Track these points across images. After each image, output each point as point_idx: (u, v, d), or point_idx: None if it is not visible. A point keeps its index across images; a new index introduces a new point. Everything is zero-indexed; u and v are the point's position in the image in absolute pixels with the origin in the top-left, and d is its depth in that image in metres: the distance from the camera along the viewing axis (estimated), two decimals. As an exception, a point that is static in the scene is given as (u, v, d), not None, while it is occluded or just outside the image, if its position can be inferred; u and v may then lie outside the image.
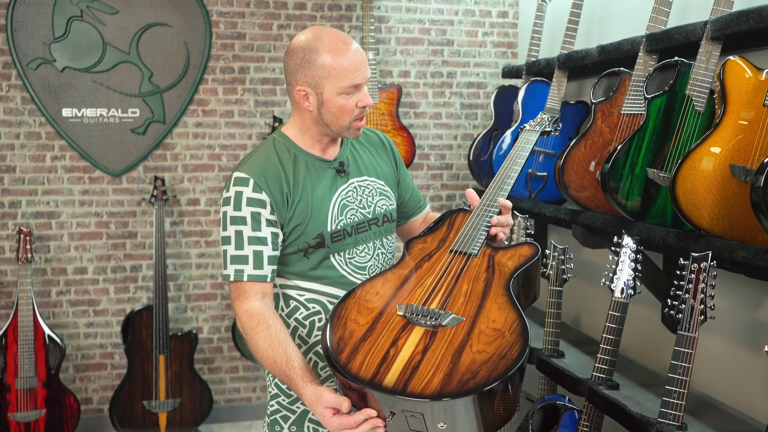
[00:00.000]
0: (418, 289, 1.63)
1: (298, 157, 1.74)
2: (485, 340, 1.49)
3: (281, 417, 1.81)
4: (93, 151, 3.53)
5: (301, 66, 1.66)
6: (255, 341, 1.61)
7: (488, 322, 1.54)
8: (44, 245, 3.54)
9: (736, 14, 1.95)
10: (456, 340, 1.50)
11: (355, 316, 1.58)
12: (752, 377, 2.17)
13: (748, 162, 1.84)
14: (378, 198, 1.83)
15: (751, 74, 1.88)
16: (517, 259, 1.70)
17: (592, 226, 2.46)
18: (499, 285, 1.64)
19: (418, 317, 1.55)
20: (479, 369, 1.42)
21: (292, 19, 3.69)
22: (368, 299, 1.62)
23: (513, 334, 1.50)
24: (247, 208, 1.66)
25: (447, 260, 1.69)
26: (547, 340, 2.47)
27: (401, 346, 1.49)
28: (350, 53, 1.65)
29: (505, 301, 1.59)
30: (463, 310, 1.57)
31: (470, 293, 1.62)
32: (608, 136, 2.51)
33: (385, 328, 1.55)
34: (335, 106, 1.67)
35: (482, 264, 1.69)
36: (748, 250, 1.77)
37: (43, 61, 3.44)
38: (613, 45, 2.58)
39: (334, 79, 1.64)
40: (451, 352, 1.47)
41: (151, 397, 3.42)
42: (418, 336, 1.51)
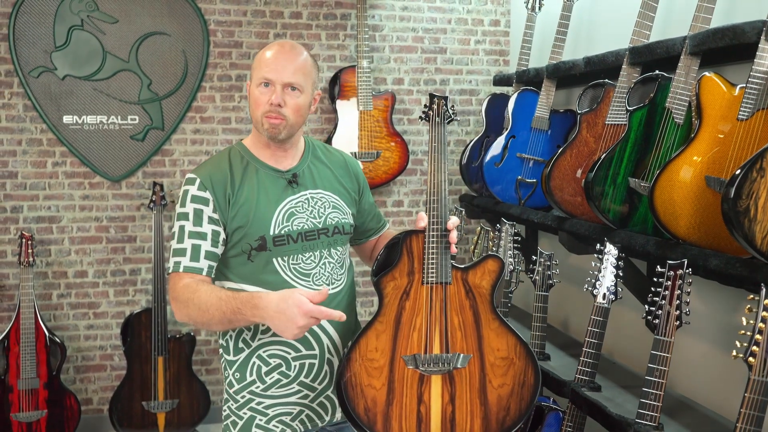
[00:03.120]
0: (414, 333, 1.70)
1: (249, 164, 1.83)
2: (500, 372, 1.63)
3: (231, 423, 1.85)
4: (93, 157, 3.61)
5: (253, 65, 1.79)
6: (196, 299, 1.66)
7: (494, 352, 1.66)
8: (45, 249, 3.62)
9: (713, 31, 2.04)
10: (474, 380, 1.63)
11: (368, 380, 1.65)
12: (727, 379, 2.25)
13: (723, 173, 1.93)
14: (330, 210, 1.88)
15: (726, 90, 1.96)
16: (488, 277, 1.80)
17: (577, 233, 2.54)
18: (485, 310, 1.75)
19: (429, 366, 1.64)
20: (508, 404, 1.59)
21: (288, 27, 3.77)
22: (372, 358, 1.68)
23: (521, 358, 1.66)
24: (191, 205, 1.75)
25: (426, 295, 1.75)
26: (532, 343, 2.55)
27: (428, 401, 1.60)
28: (276, 52, 1.76)
29: (498, 325, 1.73)
30: (466, 346, 1.67)
31: (464, 326, 1.71)
32: (593, 145, 2.59)
33: (404, 386, 1.64)
34: (252, 97, 1.77)
35: (460, 290, 1.76)
36: (721, 258, 1.85)
37: (44, 69, 3.52)
38: (598, 57, 2.66)
39: (256, 71, 1.76)
40: (476, 394, 1.60)
41: (150, 398, 3.50)
42: (438, 386, 1.62)
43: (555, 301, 3.27)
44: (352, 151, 3.70)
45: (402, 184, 3.98)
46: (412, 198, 4.01)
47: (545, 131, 3.09)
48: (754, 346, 1.57)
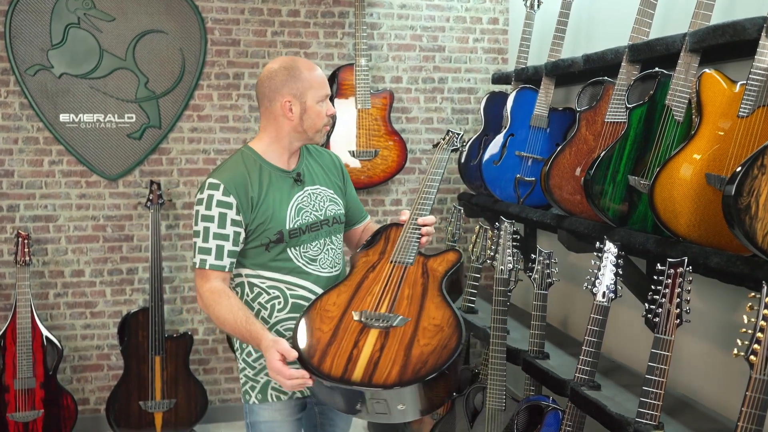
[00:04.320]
0: (368, 297, 1.98)
1: (263, 167, 2.04)
2: (429, 334, 1.85)
3: (249, 388, 2.10)
4: (90, 156, 3.59)
5: (286, 82, 2.00)
6: (218, 309, 1.92)
7: (429, 319, 1.90)
8: (42, 248, 3.60)
9: (713, 28, 2.02)
10: (405, 337, 1.85)
11: (319, 324, 1.91)
12: (728, 377, 2.24)
13: (723, 171, 1.91)
14: (328, 203, 2.14)
15: (726, 87, 1.95)
16: (445, 264, 2.07)
17: (576, 231, 2.53)
18: (433, 287, 2.00)
19: (372, 321, 1.90)
20: (427, 359, 1.78)
21: (285, 26, 3.75)
22: (328, 309, 1.96)
23: (450, 327, 1.87)
24: (216, 209, 1.96)
25: (389, 270, 2.05)
26: (532, 342, 2.54)
27: (362, 346, 1.84)
28: (320, 72, 2.07)
29: (441, 300, 1.96)
30: (408, 312, 1.93)
31: (412, 296, 1.97)
32: (592, 143, 2.58)
33: (345, 333, 1.89)
34: (314, 112, 2.03)
35: (418, 271, 2.05)
36: (722, 256, 1.84)
37: (41, 67, 3.50)
38: (597, 54, 2.65)
39: (314, 90, 2.02)
40: (403, 347, 1.83)
41: (147, 398, 3.49)
42: (374, 337, 1.86)
43: (554, 300, 3.25)
44: (351, 150, 3.68)
45: (400, 183, 3.97)
46: (411, 197, 4.00)
47: (544, 129, 3.08)
48: (756, 345, 1.56)
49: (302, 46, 3.78)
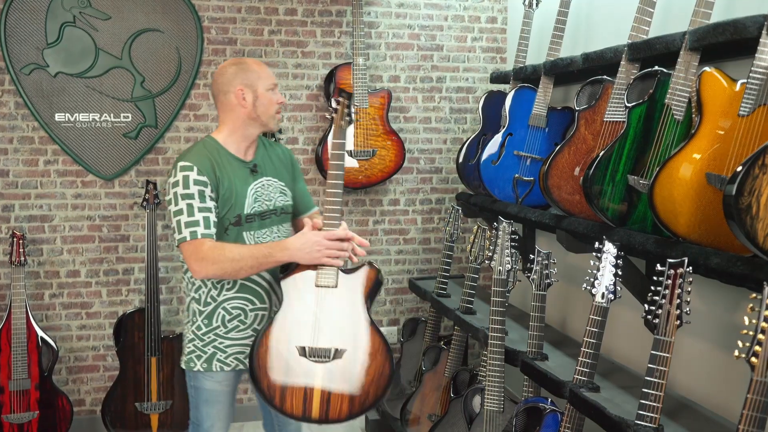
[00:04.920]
0: (304, 329, 2.16)
1: (222, 155, 2.23)
2: (366, 365, 2.15)
3: (196, 357, 2.30)
4: (86, 156, 3.57)
5: (237, 74, 2.23)
6: (226, 254, 2.10)
7: (364, 348, 2.16)
8: (37, 248, 3.57)
9: (713, 26, 2.00)
10: (347, 371, 2.15)
11: (273, 363, 2.16)
12: (728, 379, 2.22)
13: (723, 170, 1.89)
14: (278, 195, 2.36)
15: (726, 85, 1.93)
16: (367, 285, 2.22)
17: (575, 231, 2.51)
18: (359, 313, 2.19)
19: (315, 358, 2.16)
20: (369, 389, 2.14)
21: (282, 24, 3.73)
22: (272, 346, 2.17)
23: (382, 355, 2.16)
24: (195, 187, 2.12)
25: (316, 296, 2.18)
26: (530, 343, 2.52)
27: (312, 386, 2.15)
28: (266, 66, 2.32)
29: (368, 326, 2.18)
30: (343, 341, 2.16)
31: (343, 325, 2.17)
32: (591, 142, 2.55)
33: (296, 372, 2.15)
34: (266, 99, 2.24)
35: (342, 295, 2.19)
36: (722, 256, 1.82)
37: (36, 66, 3.47)
38: (596, 53, 2.63)
39: (263, 80, 2.25)
40: (347, 382, 2.14)
41: (143, 399, 3.46)
42: (321, 374, 2.15)
43: (553, 301, 3.23)
44: (348, 150, 3.66)
45: (398, 183, 3.95)
46: (409, 197, 3.98)
47: (543, 129, 3.05)
48: (757, 346, 1.54)
49: (299, 45, 3.76)
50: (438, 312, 3.42)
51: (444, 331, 3.82)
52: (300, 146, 3.81)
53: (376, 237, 3.96)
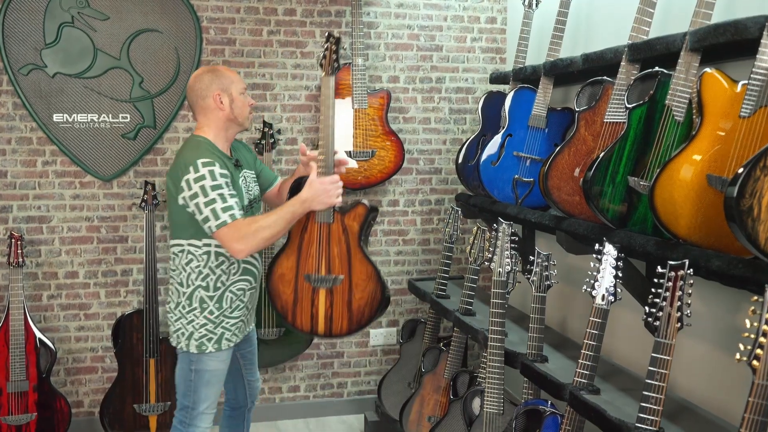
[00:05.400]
0: (309, 259, 2.50)
1: (218, 153, 2.43)
2: (360, 288, 2.49)
3: (207, 339, 2.48)
4: (84, 156, 3.56)
5: (213, 80, 2.45)
6: (262, 223, 2.33)
7: (358, 275, 2.49)
8: (35, 249, 3.56)
9: (714, 27, 1.99)
10: (345, 294, 2.49)
11: (283, 288, 2.53)
12: (730, 381, 2.21)
13: (724, 172, 1.88)
14: (254, 184, 2.64)
15: (727, 86, 1.92)
16: (357, 219, 2.50)
17: (575, 232, 2.50)
18: (354, 244, 2.50)
19: (318, 283, 2.50)
20: (364, 310, 2.50)
21: (282, 25, 3.72)
22: (284, 273, 2.52)
23: (373, 281, 2.49)
24: (221, 179, 2.34)
25: (317, 231, 2.50)
26: (530, 345, 2.51)
27: (317, 306, 2.51)
28: (236, 72, 2.60)
29: (362, 256, 2.50)
30: (341, 269, 2.49)
31: (340, 255, 2.49)
32: (591, 144, 2.54)
33: (303, 294, 2.51)
34: (240, 102, 2.48)
35: (339, 228, 2.50)
36: (723, 259, 1.81)
37: (34, 66, 3.46)
38: (596, 54, 2.62)
39: (236, 84, 2.48)
40: (345, 303, 2.50)
41: (142, 401, 3.45)
42: (323, 297, 2.50)
43: (553, 302, 3.23)
44: (347, 150, 3.65)
45: (397, 183, 3.94)
46: (408, 197, 3.97)
47: (542, 129, 3.04)
48: (758, 349, 1.53)
49: (298, 45, 3.75)
50: (437, 313, 3.41)
51: (444, 332, 3.81)
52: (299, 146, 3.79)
53: (376, 238, 3.95)
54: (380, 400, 3.63)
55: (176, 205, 2.39)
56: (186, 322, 2.47)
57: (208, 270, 2.43)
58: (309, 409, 3.95)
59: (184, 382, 2.53)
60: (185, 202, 2.34)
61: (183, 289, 2.47)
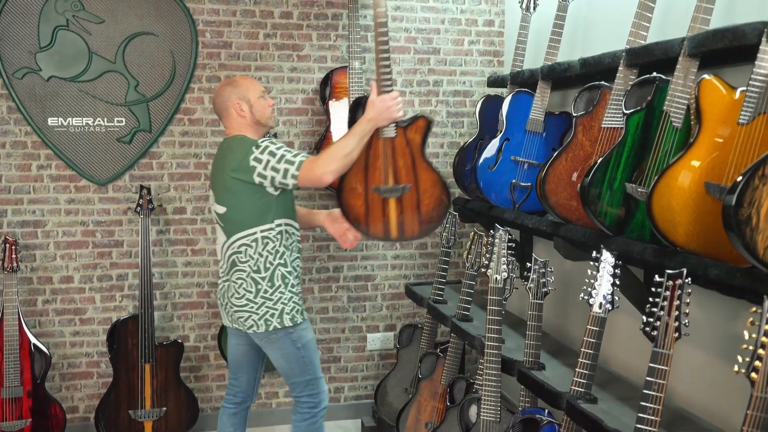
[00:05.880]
0: (376, 172, 2.69)
1: None
2: (428, 194, 2.71)
3: (296, 311, 2.70)
4: (79, 160, 3.53)
5: (231, 92, 2.69)
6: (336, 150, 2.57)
7: (424, 182, 2.70)
8: (30, 254, 3.54)
9: (712, 32, 1.97)
10: (413, 200, 2.71)
11: (354, 201, 2.72)
12: (728, 390, 2.19)
13: (723, 179, 1.86)
14: None
15: (726, 93, 1.90)
16: (420, 132, 2.70)
17: (572, 239, 2.48)
18: (418, 155, 2.70)
19: (387, 193, 2.69)
20: (432, 213, 2.74)
21: (278, 28, 3.69)
22: (353, 188, 2.71)
23: (438, 186, 2.73)
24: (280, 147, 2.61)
25: (382, 146, 2.68)
26: (527, 352, 2.49)
27: (389, 214, 2.71)
28: (253, 79, 2.82)
29: (426, 165, 2.71)
30: (408, 179, 2.69)
31: (406, 166, 2.68)
32: (589, 149, 2.52)
33: (373, 205, 2.71)
34: (259, 105, 2.71)
35: (402, 141, 2.68)
36: (721, 268, 1.79)
37: (28, 70, 3.44)
38: (594, 58, 2.60)
39: (252, 90, 2.71)
40: (415, 209, 2.71)
41: (137, 407, 3.43)
42: (394, 205, 2.71)
43: (551, 307, 3.20)
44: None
45: (395, 187, 3.91)
46: (405, 201, 3.94)
47: (540, 134, 3.02)
48: (757, 361, 1.51)
49: (295, 48, 3.72)
50: (434, 318, 3.38)
51: (441, 337, 3.78)
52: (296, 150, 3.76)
53: (373, 242, 3.93)
54: (377, 405, 3.61)
55: (250, 196, 2.59)
56: (273, 303, 2.65)
57: (282, 248, 2.65)
58: (306, 414, 3.92)
59: (296, 360, 2.72)
60: (261, 176, 2.55)
61: (262, 274, 2.64)
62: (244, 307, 2.67)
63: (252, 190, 2.59)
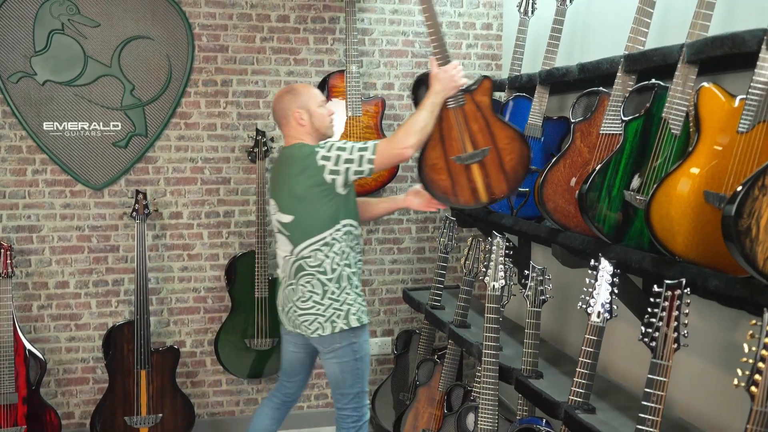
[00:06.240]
0: (453, 143, 2.66)
1: None
2: (508, 150, 2.66)
3: (362, 312, 2.68)
4: (74, 165, 3.51)
5: (291, 100, 2.68)
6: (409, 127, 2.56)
7: (502, 140, 2.65)
8: (25, 259, 3.52)
9: (712, 39, 1.95)
10: (495, 160, 2.66)
11: (437, 176, 2.69)
12: (727, 400, 2.17)
13: (722, 188, 1.84)
14: None
15: (725, 101, 1.87)
16: (487, 93, 2.67)
17: (570, 246, 2.46)
18: (490, 116, 2.66)
19: (468, 160, 2.65)
20: (517, 167, 2.67)
21: (275, 31, 3.67)
22: (435, 163, 2.68)
23: (516, 140, 2.66)
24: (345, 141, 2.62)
25: (453, 115, 2.65)
26: (525, 360, 2.47)
27: (474, 179, 2.67)
28: (312, 86, 2.80)
29: (500, 123, 2.67)
30: (486, 141, 2.65)
31: (480, 129, 2.65)
32: (587, 155, 2.50)
33: (457, 175, 2.67)
34: (319, 114, 2.70)
35: (472, 107, 2.65)
36: (721, 278, 1.77)
37: (23, 74, 3.42)
38: (592, 63, 2.58)
39: (313, 99, 2.71)
40: (499, 168, 2.66)
41: (133, 413, 3.40)
42: (477, 170, 2.67)
43: (549, 313, 3.18)
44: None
45: (392, 192, 3.90)
46: (403, 205, 3.92)
47: (538, 138, 3.00)
48: (757, 375, 1.48)
49: (292, 52, 3.70)
50: (432, 324, 3.36)
51: (438, 341, 3.77)
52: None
53: (370, 246, 3.91)
54: (374, 411, 3.59)
55: (319, 201, 2.57)
56: (339, 304, 2.63)
57: (348, 248, 2.65)
58: (303, 420, 3.90)
59: (350, 371, 2.69)
60: (333, 172, 2.53)
61: (329, 275, 2.62)
62: (310, 310, 2.63)
63: (322, 194, 2.56)
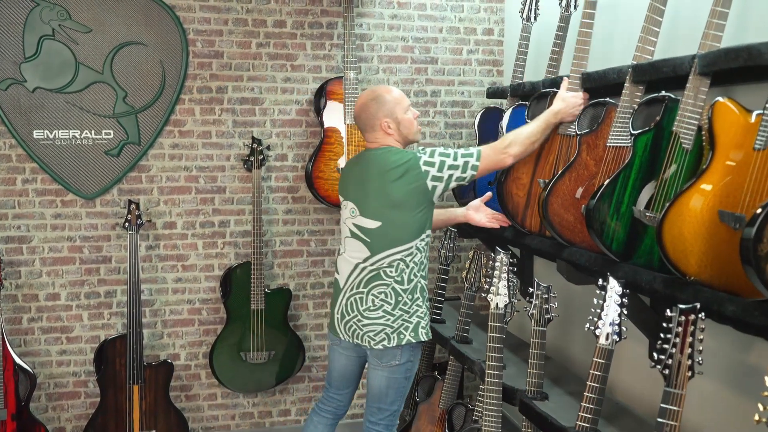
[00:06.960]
0: (547, 167, 2.61)
1: None
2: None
3: (424, 325, 2.60)
4: (65, 174, 3.42)
5: (378, 109, 2.58)
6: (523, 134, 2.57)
7: None
8: (15, 271, 3.43)
9: (725, 51, 1.87)
10: None
11: (516, 191, 2.69)
12: (740, 422, 2.09)
13: (737, 207, 1.76)
14: None
15: (740, 116, 1.79)
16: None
17: (576, 263, 2.37)
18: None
19: None
20: None
21: (271, 37, 3.59)
22: (519, 177, 2.67)
23: None
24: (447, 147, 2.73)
25: (558, 142, 2.61)
26: (530, 381, 2.38)
27: None
28: (396, 90, 2.66)
29: None
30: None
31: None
32: (594, 168, 2.42)
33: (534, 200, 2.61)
34: (406, 121, 2.62)
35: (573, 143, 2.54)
36: (738, 304, 1.68)
37: (13, 81, 3.33)
38: (598, 73, 2.50)
39: (400, 106, 2.61)
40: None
41: (125, 430, 3.32)
42: None
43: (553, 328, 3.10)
44: (339, 167, 3.52)
45: (391, 200, 3.81)
46: (402, 214, 3.83)
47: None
48: (779, 409, 1.41)
49: (288, 58, 3.62)
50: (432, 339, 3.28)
51: (438, 353, 3.68)
52: (289, 163, 3.67)
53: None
54: (373, 426, 3.50)
55: (414, 209, 2.50)
56: (409, 316, 2.56)
57: (425, 260, 2.60)
58: (300, 434, 3.82)
59: (396, 389, 2.63)
60: (436, 179, 2.49)
61: (404, 286, 2.54)
62: (379, 320, 2.54)
63: (419, 202, 2.51)
